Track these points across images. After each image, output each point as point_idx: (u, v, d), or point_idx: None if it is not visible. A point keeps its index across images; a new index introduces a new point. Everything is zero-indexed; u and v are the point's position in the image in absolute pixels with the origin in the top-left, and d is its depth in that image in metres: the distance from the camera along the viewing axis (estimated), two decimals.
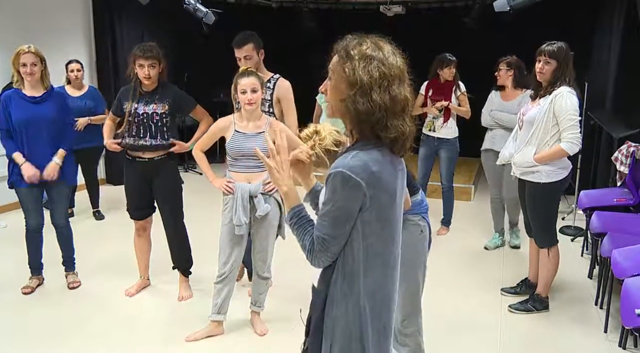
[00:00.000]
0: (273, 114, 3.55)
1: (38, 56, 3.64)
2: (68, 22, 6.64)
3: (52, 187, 3.81)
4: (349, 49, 1.50)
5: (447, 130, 5.10)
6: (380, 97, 1.47)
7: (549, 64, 3.34)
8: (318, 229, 1.52)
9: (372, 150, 1.49)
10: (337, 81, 1.52)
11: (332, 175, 1.47)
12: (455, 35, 7.19)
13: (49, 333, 3.32)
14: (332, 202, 1.48)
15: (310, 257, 1.55)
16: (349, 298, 1.54)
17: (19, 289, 3.86)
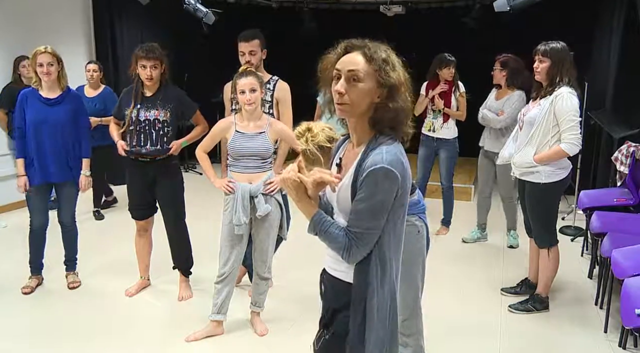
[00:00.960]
0: (273, 115, 3.57)
1: (55, 56, 3.67)
2: (68, 22, 6.64)
3: (62, 187, 3.82)
4: (382, 53, 1.61)
5: (447, 130, 5.10)
6: (407, 98, 1.64)
7: (542, 63, 3.37)
8: (357, 225, 1.58)
9: (394, 144, 1.62)
10: (372, 84, 1.59)
11: (374, 171, 1.55)
12: (455, 35, 7.20)
13: (49, 334, 3.32)
14: (372, 196, 1.55)
15: (347, 254, 1.61)
16: (384, 283, 1.64)
17: (19, 289, 3.85)
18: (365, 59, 1.60)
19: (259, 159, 3.12)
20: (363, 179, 1.57)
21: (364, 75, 1.59)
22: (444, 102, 5.04)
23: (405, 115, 1.65)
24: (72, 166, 3.77)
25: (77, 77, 6.76)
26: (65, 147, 3.72)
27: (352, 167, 1.65)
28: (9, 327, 3.39)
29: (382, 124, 1.63)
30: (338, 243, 1.62)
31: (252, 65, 3.45)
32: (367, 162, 1.57)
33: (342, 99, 1.61)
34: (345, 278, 1.69)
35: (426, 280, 2.86)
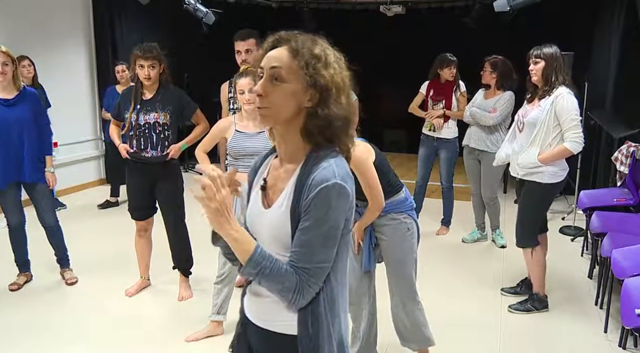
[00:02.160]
0: None
1: (9, 56, 3.61)
2: (68, 22, 6.64)
3: (31, 189, 3.81)
4: (314, 49, 1.34)
5: (447, 130, 5.11)
6: (346, 102, 1.37)
7: (537, 64, 3.44)
8: (307, 259, 1.29)
9: (339, 156, 1.37)
10: (298, 85, 1.33)
11: (327, 188, 1.27)
12: (455, 35, 7.20)
13: (48, 333, 3.32)
14: (324, 221, 1.28)
15: (297, 298, 1.30)
16: (334, 329, 1.38)
17: (7, 287, 3.87)
18: (291, 54, 1.34)
19: None
20: (312, 199, 1.27)
21: (288, 73, 1.32)
22: (445, 103, 5.05)
23: (343, 124, 1.36)
24: (38, 165, 3.76)
25: (78, 77, 6.79)
26: (30, 146, 3.70)
27: (287, 187, 1.36)
28: (8, 326, 3.38)
29: (313, 134, 1.35)
30: (285, 284, 1.29)
31: (249, 65, 3.46)
32: (315, 178, 1.28)
33: (262, 102, 1.34)
34: (288, 331, 1.38)
35: (426, 280, 2.87)
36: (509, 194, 6.56)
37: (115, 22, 7.03)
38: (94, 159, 7.07)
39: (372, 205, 2.62)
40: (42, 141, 3.79)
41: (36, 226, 3.95)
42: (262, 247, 1.31)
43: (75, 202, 6.21)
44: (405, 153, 8.61)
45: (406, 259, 2.75)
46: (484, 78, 4.78)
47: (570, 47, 5.45)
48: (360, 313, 2.89)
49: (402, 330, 2.89)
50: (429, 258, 4.57)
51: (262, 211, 1.43)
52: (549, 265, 3.80)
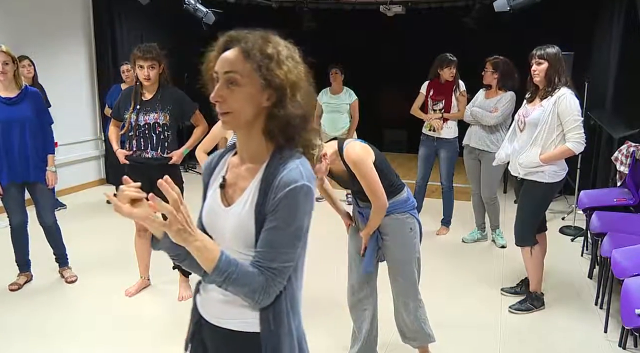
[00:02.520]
0: None
1: (9, 56, 3.62)
2: (68, 22, 6.64)
3: (33, 188, 3.83)
4: (266, 48, 1.31)
5: (447, 130, 5.11)
6: (304, 98, 1.36)
7: (540, 65, 3.45)
8: (273, 259, 1.29)
9: (301, 156, 1.37)
10: (255, 86, 1.31)
11: (295, 189, 1.27)
12: (455, 35, 7.20)
13: (48, 333, 3.32)
14: (292, 221, 1.29)
15: (263, 297, 1.30)
16: (294, 325, 1.40)
17: (7, 287, 3.88)
18: (243, 55, 1.31)
19: None
20: (280, 200, 1.28)
21: (242, 76, 1.30)
22: (445, 103, 5.05)
23: (302, 121, 1.36)
24: (40, 165, 3.77)
25: (78, 77, 6.79)
26: (33, 145, 3.73)
27: (250, 186, 1.36)
28: (8, 326, 3.39)
29: (274, 134, 1.35)
30: (252, 285, 1.28)
31: None
32: (282, 179, 1.28)
33: (221, 108, 1.32)
34: (244, 328, 1.38)
35: (426, 280, 2.87)
36: (509, 194, 6.56)
37: (115, 22, 7.04)
38: (94, 159, 7.08)
39: (375, 207, 2.63)
40: (44, 140, 3.81)
41: (36, 225, 3.95)
42: (226, 253, 1.29)
43: (75, 201, 6.21)
44: (406, 153, 8.62)
45: (409, 259, 2.77)
46: (485, 78, 4.77)
47: (570, 47, 5.46)
48: (362, 314, 2.89)
49: (403, 328, 2.90)
50: (429, 258, 4.56)
51: (223, 209, 1.41)
52: (549, 265, 3.81)
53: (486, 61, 4.75)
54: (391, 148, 9.10)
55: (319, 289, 4.04)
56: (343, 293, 3.99)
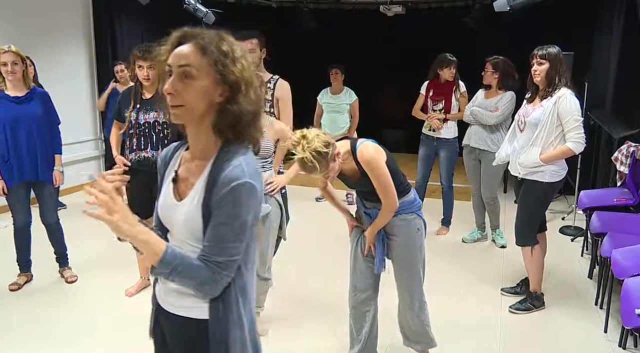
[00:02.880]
0: (274, 113, 3.57)
1: (19, 56, 3.65)
2: (68, 22, 6.64)
3: (41, 187, 3.85)
4: (222, 46, 1.36)
5: (447, 130, 5.11)
6: (255, 95, 1.41)
7: (541, 65, 3.46)
8: (219, 253, 1.34)
9: (246, 152, 1.40)
10: (209, 81, 1.35)
11: (238, 186, 1.32)
12: (455, 35, 7.20)
13: (48, 333, 3.32)
14: (236, 217, 1.33)
15: (210, 289, 1.36)
16: (245, 314, 1.44)
17: (7, 287, 3.88)
18: (200, 51, 1.35)
19: (259, 158, 3.11)
20: (224, 196, 1.32)
21: (198, 70, 1.34)
22: (445, 103, 5.06)
23: (252, 118, 1.40)
24: (48, 164, 3.79)
25: (78, 77, 6.79)
26: (42, 144, 3.75)
27: (198, 182, 1.40)
28: (9, 326, 3.39)
29: (224, 130, 1.39)
30: (199, 278, 1.34)
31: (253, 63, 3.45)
32: (226, 176, 1.33)
33: (174, 100, 1.35)
34: (197, 315, 1.44)
35: (426, 280, 2.87)
36: (509, 194, 6.56)
37: (115, 22, 7.03)
38: (94, 159, 7.08)
39: (385, 207, 2.63)
40: (52, 140, 3.83)
41: (37, 226, 3.95)
42: (172, 247, 1.34)
43: (75, 201, 6.20)
44: (406, 153, 8.61)
45: (416, 259, 2.77)
46: (485, 78, 4.77)
47: (570, 47, 5.45)
48: (364, 316, 2.89)
49: (407, 330, 2.90)
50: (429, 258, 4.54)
51: (175, 204, 1.44)
52: (548, 265, 3.81)
53: (486, 61, 4.76)
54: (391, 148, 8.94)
55: (317, 289, 4.04)
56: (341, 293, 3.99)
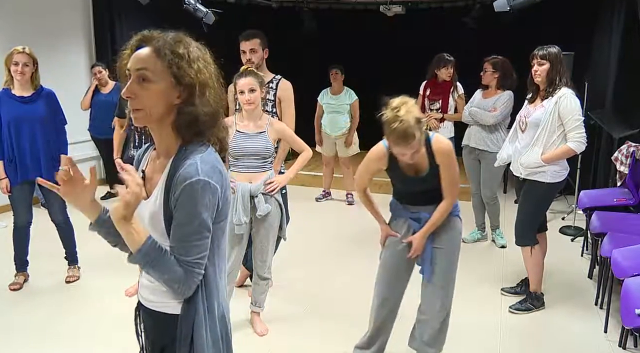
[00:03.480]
0: (276, 114, 3.58)
1: (32, 58, 3.69)
2: (68, 22, 6.64)
3: (45, 188, 3.81)
4: (177, 48, 1.37)
5: (443, 130, 5.13)
6: (214, 97, 1.42)
7: (542, 65, 3.45)
8: (186, 253, 1.36)
9: (208, 150, 1.42)
10: (166, 83, 1.36)
11: (191, 185, 1.33)
12: (455, 35, 7.20)
13: (46, 332, 3.32)
14: (193, 216, 1.34)
15: (184, 288, 1.38)
16: (212, 309, 1.46)
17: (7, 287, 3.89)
18: (156, 54, 1.36)
19: (259, 158, 3.11)
20: (178, 196, 1.34)
21: (154, 73, 1.35)
22: (442, 103, 5.07)
23: (210, 118, 1.41)
24: (53, 164, 3.80)
25: (78, 77, 6.79)
26: (46, 144, 3.76)
27: (160, 180, 1.43)
28: (9, 325, 3.39)
29: (182, 130, 1.41)
30: (173, 274, 1.36)
31: (253, 64, 3.46)
32: (180, 175, 1.34)
33: (133, 104, 1.37)
34: (171, 311, 1.48)
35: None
36: (509, 194, 6.56)
37: (115, 22, 7.04)
38: (94, 159, 7.06)
39: (447, 202, 2.60)
40: (58, 140, 3.84)
41: (39, 225, 3.95)
42: (154, 239, 1.37)
43: None
44: None
45: (456, 261, 2.74)
46: (484, 78, 4.77)
47: (570, 47, 5.45)
48: (389, 330, 2.84)
49: (426, 333, 2.78)
50: None
51: (143, 202, 1.45)
52: (549, 265, 3.81)
53: (484, 61, 4.75)
54: None
55: (316, 289, 4.04)
56: (340, 293, 3.99)
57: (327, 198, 6.70)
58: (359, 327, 2.99)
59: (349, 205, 6.49)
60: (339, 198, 6.65)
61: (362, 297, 3.89)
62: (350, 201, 6.52)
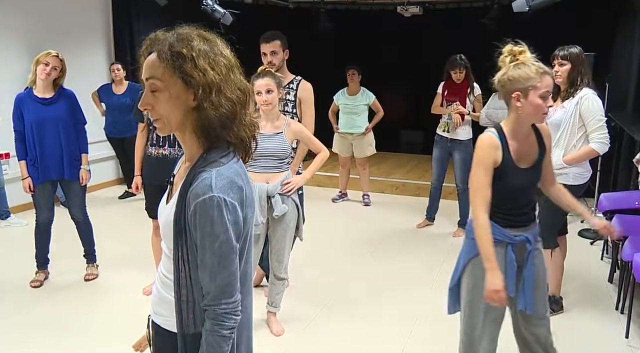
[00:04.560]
0: (296, 114, 3.59)
1: (62, 64, 3.76)
2: (88, 23, 6.73)
3: (67, 185, 3.93)
4: (179, 48, 1.27)
5: (461, 131, 5.09)
6: (230, 92, 1.30)
7: (563, 66, 3.42)
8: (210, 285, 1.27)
9: (230, 162, 1.31)
10: (177, 88, 1.27)
11: (205, 203, 1.22)
12: (473, 35, 7.14)
13: (66, 330, 3.35)
14: (215, 238, 1.23)
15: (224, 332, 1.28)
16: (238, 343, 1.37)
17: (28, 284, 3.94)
18: (160, 59, 1.27)
19: (276, 159, 3.12)
20: (192, 216, 1.24)
21: (163, 80, 1.27)
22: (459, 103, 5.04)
23: (227, 120, 1.29)
24: (74, 163, 3.86)
25: (97, 77, 6.86)
26: (67, 144, 3.83)
27: (178, 188, 1.32)
28: (28, 323, 3.43)
29: (199, 135, 1.31)
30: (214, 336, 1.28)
31: (274, 66, 3.48)
32: (193, 191, 1.24)
33: (152, 115, 1.31)
34: (168, 327, 1.40)
35: (444, 283, 2.83)
36: None
37: (133, 23, 7.11)
38: (111, 159, 7.14)
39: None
40: (78, 139, 3.91)
41: (60, 223, 4.00)
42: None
43: (93, 201, 6.27)
44: (422, 154, 8.57)
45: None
46: None
47: (591, 48, 5.37)
48: None
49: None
50: (445, 260, 4.54)
51: (163, 206, 1.42)
52: (568, 268, 3.76)
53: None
54: (407, 149, 9.06)
55: (332, 290, 4.02)
56: (357, 294, 3.97)
57: (344, 199, 6.69)
58: (374, 327, 2.98)
59: (365, 206, 6.47)
60: (356, 199, 6.63)
61: (377, 297, 3.89)
62: (367, 202, 6.51)
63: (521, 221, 2.23)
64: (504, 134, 2.21)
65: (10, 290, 3.90)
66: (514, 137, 2.20)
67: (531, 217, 2.27)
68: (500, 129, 2.23)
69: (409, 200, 6.69)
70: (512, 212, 2.22)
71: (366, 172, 6.53)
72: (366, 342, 3.11)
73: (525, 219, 2.24)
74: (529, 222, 2.24)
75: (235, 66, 1.34)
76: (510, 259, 2.21)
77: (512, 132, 2.21)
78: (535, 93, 2.13)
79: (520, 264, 2.24)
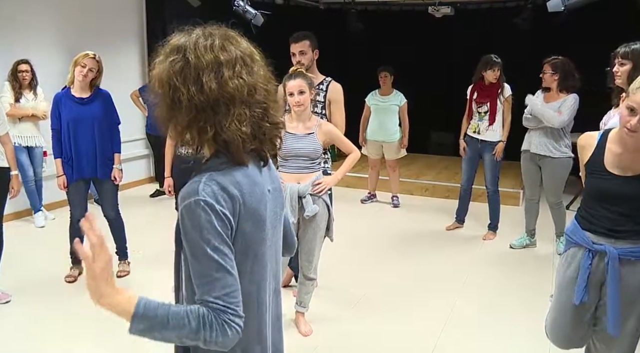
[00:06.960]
0: (326, 115, 3.60)
1: (99, 66, 3.87)
2: (123, 25, 6.89)
3: (100, 183, 4.04)
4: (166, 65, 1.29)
5: (492, 133, 5.03)
6: (237, 118, 1.20)
7: (623, 66, 3.11)
8: (210, 291, 1.12)
9: (226, 168, 1.21)
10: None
11: (187, 207, 1.14)
12: (505, 36, 7.06)
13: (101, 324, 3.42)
14: (205, 243, 1.13)
15: (210, 334, 1.11)
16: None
17: (63, 279, 4.05)
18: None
19: (308, 159, 3.14)
20: (181, 221, 1.16)
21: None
22: (490, 106, 4.97)
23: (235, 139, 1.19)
24: (107, 162, 3.96)
25: (130, 77, 7.00)
26: (101, 144, 3.93)
27: None
28: (60, 317, 3.52)
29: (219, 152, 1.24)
30: (190, 325, 1.11)
31: (303, 66, 3.49)
32: (181, 194, 1.18)
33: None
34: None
35: (473, 286, 2.81)
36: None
37: (167, 24, 7.20)
38: (144, 158, 7.27)
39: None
40: (112, 139, 4.02)
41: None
42: (146, 299, 1.13)
43: (126, 199, 6.38)
44: (452, 156, 8.49)
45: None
46: (544, 81, 4.53)
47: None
48: None
49: None
50: (476, 264, 4.50)
51: None
52: None
53: (544, 63, 4.55)
54: (437, 150, 9.00)
55: (360, 290, 4.02)
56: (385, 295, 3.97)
57: (373, 200, 6.68)
58: (403, 327, 2.97)
59: (394, 207, 6.45)
60: (384, 201, 6.62)
61: (406, 298, 3.88)
62: (396, 203, 6.49)
63: (605, 229, 2.10)
64: (607, 136, 2.15)
65: (47, 284, 4.01)
66: (619, 142, 2.08)
67: (629, 231, 2.07)
68: (609, 130, 2.18)
69: (438, 202, 6.64)
70: (596, 216, 2.13)
71: (396, 173, 6.51)
72: (396, 343, 3.11)
73: (613, 229, 2.08)
74: (618, 234, 2.07)
75: (231, 92, 1.23)
76: (585, 264, 2.14)
77: (618, 136, 2.11)
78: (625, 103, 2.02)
79: (599, 276, 2.13)
